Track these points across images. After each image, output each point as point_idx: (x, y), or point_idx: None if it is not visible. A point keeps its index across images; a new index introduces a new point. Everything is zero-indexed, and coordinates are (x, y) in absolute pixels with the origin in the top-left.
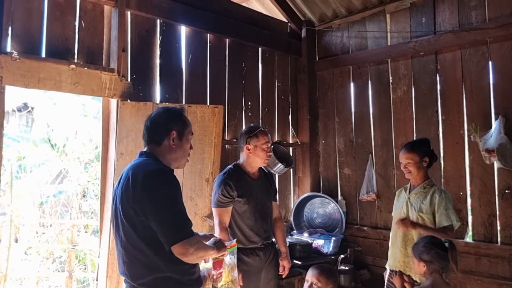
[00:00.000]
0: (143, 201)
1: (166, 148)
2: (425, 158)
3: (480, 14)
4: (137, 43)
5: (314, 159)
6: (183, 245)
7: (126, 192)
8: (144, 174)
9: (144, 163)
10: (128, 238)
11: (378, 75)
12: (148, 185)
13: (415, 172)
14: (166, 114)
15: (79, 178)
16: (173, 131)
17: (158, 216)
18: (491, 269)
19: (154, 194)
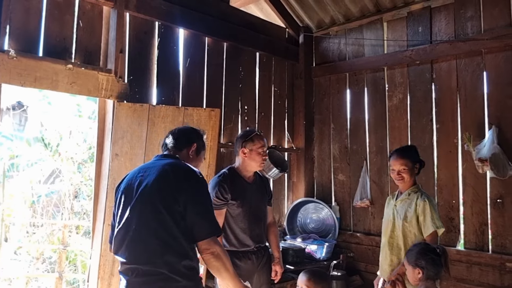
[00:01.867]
0: (186, 193)
1: (185, 156)
2: (417, 164)
3: (475, 25)
4: (135, 45)
5: (309, 164)
6: (214, 240)
7: (167, 183)
8: (188, 169)
9: (181, 162)
10: (165, 227)
11: (374, 83)
12: (192, 179)
13: (407, 178)
14: (192, 130)
15: (72, 179)
16: (195, 144)
17: (199, 208)
18: (481, 277)
19: (198, 189)
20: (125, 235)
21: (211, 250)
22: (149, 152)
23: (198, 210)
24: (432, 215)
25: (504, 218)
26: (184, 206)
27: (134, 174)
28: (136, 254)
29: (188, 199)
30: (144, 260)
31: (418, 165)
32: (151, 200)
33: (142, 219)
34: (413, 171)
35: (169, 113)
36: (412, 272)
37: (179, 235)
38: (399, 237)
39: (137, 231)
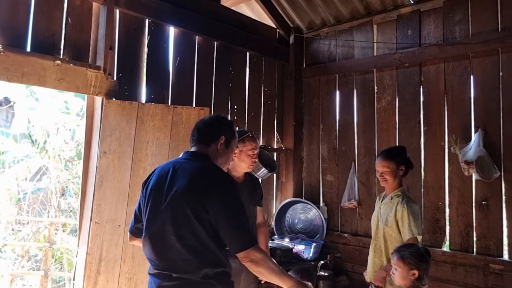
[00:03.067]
0: (217, 204)
1: (214, 151)
2: (401, 167)
3: (463, 29)
4: (124, 42)
5: (298, 165)
6: (260, 251)
7: (195, 190)
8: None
9: (210, 167)
10: (197, 238)
11: (363, 85)
12: (221, 189)
13: (390, 180)
14: (219, 120)
15: (59, 176)
16: (222, 136)
17: (232, 221)
18: (466, 278)
19: (228, 200)
20: (157, 241)
21: (250, 258)
22: (138, 150)
23: (231, 224)
24: (410, 222)
25: (489, 220)
26: (215, 217)
27: (163, 172)
28: (169, 262)
29: (220, 211)
30: (177, 269)
31: (404, 167)
32: (182, 209)
33: (175, 228)
34: (397, 173)
35: (158, 111)
36: (406, 273)
37: (212, 245)
38: (381, 240)
39: (169, 240)
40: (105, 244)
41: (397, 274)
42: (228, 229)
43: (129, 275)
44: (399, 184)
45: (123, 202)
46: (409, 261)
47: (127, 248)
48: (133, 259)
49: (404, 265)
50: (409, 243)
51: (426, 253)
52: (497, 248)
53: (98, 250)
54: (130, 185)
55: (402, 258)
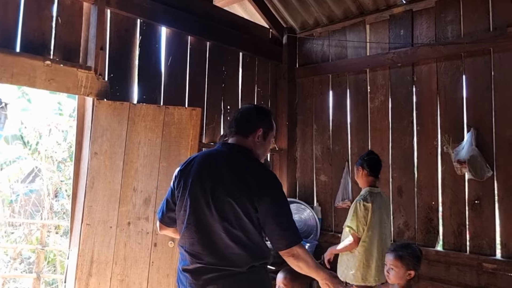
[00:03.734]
0: (266, 203)
1: (251, 143)
2: (359, 167)
3: (455, 29)
4: (116, 42)
5: (292, 165)
6: (302, 247)
7: (245, 188)
8: (266, 176)
9: (257, 163)
10: (246, 233)
11: (356, 85)
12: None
13: (359, 182)
14: (257, 111)
15: (52, 178)
16: (260, 129)
17: (279, 219)
18: (459, 278)
19: (277, 198)
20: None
21: (292, 252)
22: (129, 151)
23: (279, 222)
24: (352, 216)
25: (482, 219)
26: (263, 215)
27: (206, 162)
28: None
29: (269, 209)
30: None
31: (361, 168)
32: (231, 206)
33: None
34: (359, 174)
35: (150, 112)
36: (403, 273)
37: (259, 240)
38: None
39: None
40: (96, 246)
41: (393, 274)
42: (277, 227)
43: (121, 277)
44: (368, 185)
45: (115, 204)
46: (408, 262)
47: (118, 250)
48: (125, 260)
49: (402, 265)
50: (405, 243)
51: (421, 254)
52: (490, 247)
53: (90, 252)
54: (121, 186)
55: (400, 258)
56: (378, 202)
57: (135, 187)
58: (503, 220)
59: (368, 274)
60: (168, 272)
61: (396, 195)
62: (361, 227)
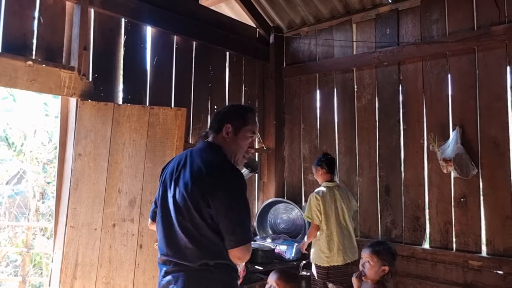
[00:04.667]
0: (217, 197)
1: (222, 139)
2: (317, 168)
3: (440, 28)
4: (100, 42)
5: (280, 164)
6: (247, 249)
7: (199, 183)
8: (221, 170)
9: (217, 157)
10: (196, 228)
11: (343, 84)
12: (224, 182)
13: (319, 179)
14: (230, 108)
15: (37, 179)
16: (228, 125)
17: (231, 215)
18: (446, 275)
19: (230, 193)
20: (166, 228)
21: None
22: (114, 152)
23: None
24: (307, 207)
25: (467, 217)
26: (216, 210)
27: (178, 160)
28: (176, 249)
29: (220, 205)
30: (181, 256)
31: (320, 168)
32: (185, 202)
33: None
34: (318, 173)
35: (135, 112)
36: (378, 268)
37: (214, 237)
38: None
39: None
40: (81, 248)
41: (368, 267)
42: (228, 223)
43: (106, 280)
44: (323, 181)
45: (99, 205)
46: (383, 257)
47: (103, 253)
48: (110, 263)
49: (377, 260)
50: (380, 240)
51: (395, 252)
52: (475, 244)
53: (74, 254)
54: (106, 187)
55: (376, 253)
56: (331, 194)
57: (120, 189)
58: (488, 218)
59: (332, 256)
60: (154, 274)
61: (383, 193)
62: (315, 216)
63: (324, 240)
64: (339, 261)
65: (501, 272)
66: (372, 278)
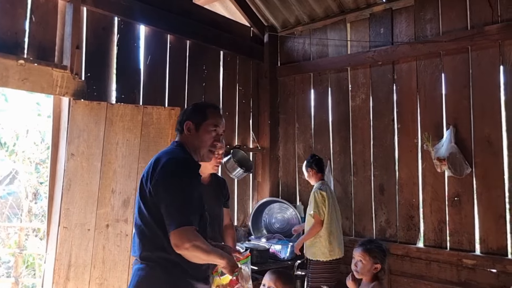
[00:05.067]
0: (157, 183)
1: (185, 136)
2: (308, 169)
3: (434, 27)
4: (92, 41)
5: (274, 164)
6: (180, 234)
7: (147, 175)
8: (167, 159)
9: (172, 150)
10: (141, 218)
11: (338, 83)
12: (166, 169)
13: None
14: (191, 107)
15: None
16: (188, 122)
17: (166, 198)
18: (440, 274)
19: (168, 177)
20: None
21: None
22: (107, 151)
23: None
24: (313, 204)
25: (461, 215)
26: (157, 197)
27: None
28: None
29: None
30: (133, 251)
31: (310, 169)
32: (136, 194)
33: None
34: (309, 174)
35: (128, 112)
36: (370, 266)
37: (156, 228)
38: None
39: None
40: (74, 249)
41: (361, 266)
42: (164, 207)
43: (100, 281)
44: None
45: (93, 206)
46: (375, 255)
47: (97, 253)
48: (104, 264)
49: (369, 258)
50: (370, 239)
51: (386, 249)
52: (469, 243)
53: (67, 255)
54: (99, 188)
55: (368, 251)
56: (329, 191)
57: (113, 189)
58: (481, 216)
59: (334, 250)
60: None
61: (378, 193)
62: (321, 211)
63: (327, 235)
64: (340, 254)
65: (494, 271)
66: (365, 276)
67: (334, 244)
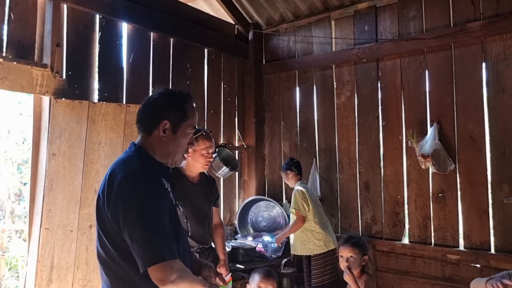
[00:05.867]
0: (116, 210)
1: (157, 139)
2: (288, 171)
3: (418, 25)
4: (73, 38)
5: (260, 162)
6: (162, 269)
7: (102, 196)
8: (122, 176)
9: (127, 160)
10: (103, 249)
11: (323, 80)
12: (123, 190)
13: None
14: (164, 99)
15: (12, 180)
16: (165, 121)
17: (132, 229)
18: (425, 269)
19: (129, 203)
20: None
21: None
22: (89, 151)
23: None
24: (293, 201)
25: (445, 211)
26: (118, 226)
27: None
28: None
29: (120, 219)
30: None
31: (290, 171)
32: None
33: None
34: (288, 177)
35: (110, 111)
36: (360, 259)
37: (120, 261)
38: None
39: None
40: (56, 251)
41: (352, 261)
42: (130, 241)
43: (83, 282)
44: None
45: (75, 206)
46: (362, 247)
47: (80, 254)
48: (87, 265)
49: (358, 251)
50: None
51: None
52: (453, 238)
53: (49, 257)
54: (82, 188)
55: (356, 244)
56: (309, 189)
57: (96, 189)
58: (465, 212)
59: (328, 240)
60: None
61: (363, 190)
62: (301, 207)
63: (319, 228)
64: (335, 245)
65: (478, 265)
66: (355, 270)
67: (327, 235)
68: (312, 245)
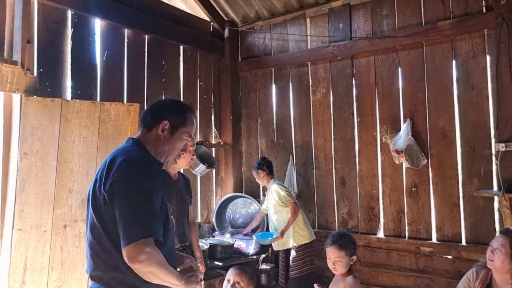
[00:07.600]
0: (113, 186)
1: (155, 136)
2: (259, 171)
3: (390, 23)
4: (45, 35)
5: (237, 159)
6: (135, 248)
7: (100, 179)
8: (122, 160)
9: (127, 149)
10: (93, 233)
11: (298, 78)
12: (122, 172)
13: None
14: (170, 103)
15: None
16: (166, 121)
17: (123, 208)
18: (400, 262)
19: (125, 184)
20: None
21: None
22: (63, 150)
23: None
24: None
25: (418, 205)
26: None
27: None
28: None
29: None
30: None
31: (261, 171)
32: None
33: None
34: (259, 176)
35: (84, 108)
36: (348, 260)
37: (108, 243)
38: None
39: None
40: (30, 251)
41: (339, 264)
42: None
43: (59, 283)
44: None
45: (49, 206)
46: (350, 249)
47: (55, 255)
48: (62, 266)
49: (345, 254)
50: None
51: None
52: (426, 231)
53: (22, 258)
54: (55, 187)
55: (343, 247)
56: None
57: (70, 188)
58: (437, 205)
59: (310, 232)
60: None
61: (339, 185)
62: (291, 197)
63: (302, 220)
64: (313, 237)
65: (450, 257)
66: (343, 272)
67: (309, 227)
68: (298, 236)
